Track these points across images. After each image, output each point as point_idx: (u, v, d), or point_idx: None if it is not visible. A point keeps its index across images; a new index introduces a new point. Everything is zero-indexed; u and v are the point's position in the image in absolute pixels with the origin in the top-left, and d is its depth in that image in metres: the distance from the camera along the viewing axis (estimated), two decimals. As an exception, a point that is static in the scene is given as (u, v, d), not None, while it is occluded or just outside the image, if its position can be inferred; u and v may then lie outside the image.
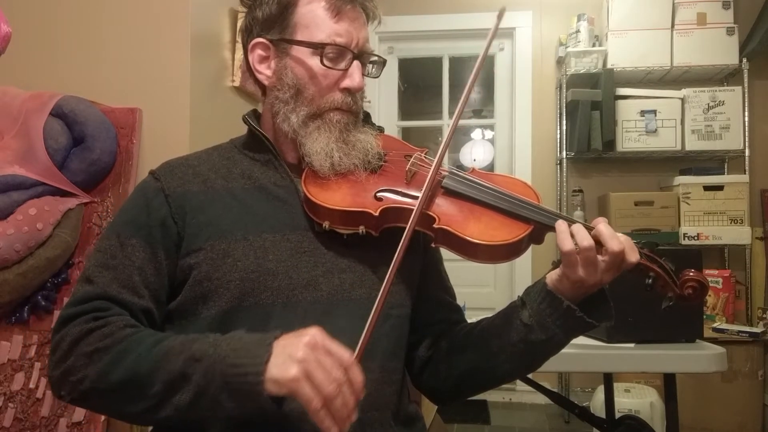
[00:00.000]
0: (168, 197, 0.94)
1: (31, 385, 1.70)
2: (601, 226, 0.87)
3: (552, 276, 0.91)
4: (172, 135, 1.96)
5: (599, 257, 0.85)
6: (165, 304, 0.93)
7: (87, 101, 1.86)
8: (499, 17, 1.03)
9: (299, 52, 0.96)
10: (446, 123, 3.98)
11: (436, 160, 0.94)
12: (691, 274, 0.89)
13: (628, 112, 3.34)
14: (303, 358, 0.73)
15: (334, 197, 0.93)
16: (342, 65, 0.96)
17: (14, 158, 1.73)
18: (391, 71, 3.94)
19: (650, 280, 0.89)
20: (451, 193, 0.96)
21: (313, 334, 0.75)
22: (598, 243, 0.86)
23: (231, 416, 0.77)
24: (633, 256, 0.86)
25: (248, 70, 1.03)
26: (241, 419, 0.78)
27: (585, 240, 0.85)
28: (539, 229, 0.93)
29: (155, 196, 0.95)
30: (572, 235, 0.86)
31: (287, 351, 0.74)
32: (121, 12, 2.03)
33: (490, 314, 1.02)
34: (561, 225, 0.88)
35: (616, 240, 0.85)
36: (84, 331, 0.84)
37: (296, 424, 0.84)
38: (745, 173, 3.30)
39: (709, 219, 3.24)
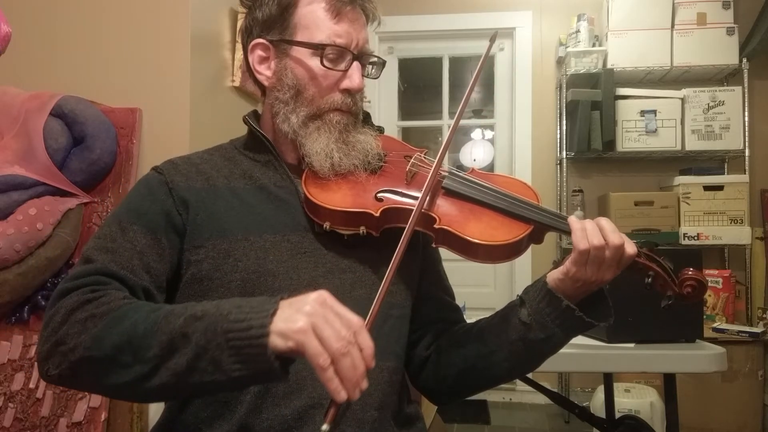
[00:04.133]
0: (172, 190, 0.94)
1: (31, 385, 1.71)
2: (602, 221, 0.88)
3: (553, 275, 0.91)
4: (172, 135, 1.97)
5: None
6: (165, 291, 0.92)
7: (87, 101, 1.86)
8: (492, 41, 1.04)
9: (299, 52, 0.97)
10: (446, 123, 3.98)
11: (436, 160, 0.94)
12: (690, 272, 0.89)
13: (628, 112, 3.34)
14: (311, 312, 0.69)
15: (335, 198, 0.94)
16: (342, 66, 0.96)
17: (14, 158, 1.73)
18: (391, 71, 3.94)
19: (649, 279, 0.90)
20: (451, 194, 0.96)
21: (321, 293, 0.72)
22: None
23: (233, 383, 0.72)
24: (631, 248, 0.88)
25: (248, 70, 1.03)
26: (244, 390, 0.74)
27: (596, 238, 0.86)
28: (539, 229, 0.93)
29: (159, 187, 0.95)
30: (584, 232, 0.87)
31: (294, 306, 0.70)
32: (121, 12, 2.03)
33: (489, 314, 1.02)
34: (576, 223, 0.89)
35: (617, 234, 0.87)
36: (80, 302, 0.80)
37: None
38: (745, 173, 3.30)
39: (709, 219, 3.24)
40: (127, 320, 0.76)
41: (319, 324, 0.68)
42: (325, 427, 0.69)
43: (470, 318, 1.09)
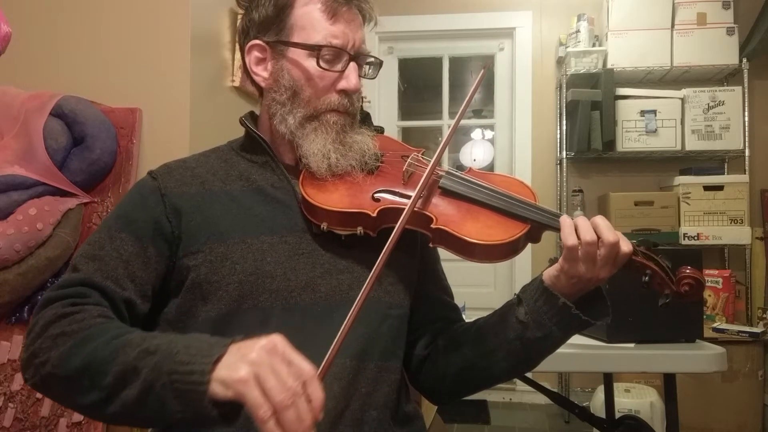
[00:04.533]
0: (164, 197, 0.94)
1: (31, 385, 1.71)
2: (598, 218, 0.88)
3: (549, 273, 0.91)
4: (172, 135, 1.97)
5: (597, 251, 0.87)
6: (151, 299, 0.93)
7: (87, 101, 1.86)
8: (486, 68, 1.04)
9: (296, 53, 0.97)
10: (446, 123, 3.98)
11: (432, 160, 0.94)
12: (688, 271, 0.89)
13: (628, 112, 3.34)
14: (255, 361, 0.67)
15: (332, 198, 0.94)
16: (338, 67, 0.96)
17: (14, 158, 1.74)
18: (391, 71, 3.94)
19: (647, 278, 0.90)
20: (448, 193, 0.96)
21: (273, 338, 0.69)
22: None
23: (180, 422, 0.72)
24: (626, 246, 0.88)
25: (245, 71, 1.03)
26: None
27: (588, 234, 0.86)
28: (536, 228, 0.93)
29: (151, 194, 0.95)
30: (576, 228, 0.87)
31: (241, 352, 0.69)
32: (121, 12, 2.03)
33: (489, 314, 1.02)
34: (566, 219, 0.89)
35: (612, 232, 0.87)
36: (57, 315, 0.82)
37: None
38: (745, 173, 3.30)
39: (709, 219, 3.24)
40: (91, 344, 0.78)
41: (261, 374, 0.66)
42: None
43: (470, 318, 1.09)
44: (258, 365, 0.67)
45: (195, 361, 0.70)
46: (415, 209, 0.93)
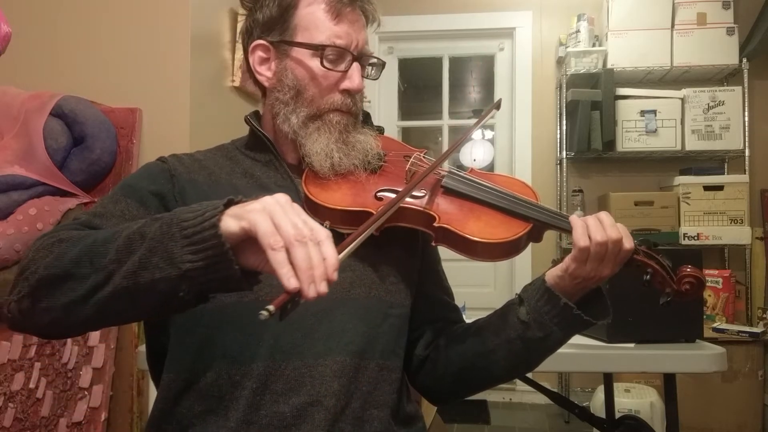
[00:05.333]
0: (173, 177, 0.95)
1: (31, 385, 1.71)
2: (602, 214, 0.89)
3: (552, 273, 0.92)
4: (172, 135, 1.97)
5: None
6: None
7: (87, 101, 1.86)
8: (496, 107, 1.07)
9: (299, 53, 0.97)
10: (446, 123, 3.98)
11: (437, 159, 0.95)
12: (688, 270, 0.90)
13: (628, 112, 3.34)
14: (270, 202, 0.66)
15: (335, 197, 0.94)
16: (341, 67, 0.97)
17: (14, 158, 1.74)
18: (391, 71, 3.94)
19: (648, 276, 0.90)
20: (450, 192, 0.97)
21: (286, 196, 0.68)
22: None
23: (185, 279, 0.67)
24: (628, 243, 0.88)
25: (248, 71, 1.04)
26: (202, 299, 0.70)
27: (599, 233, 0.86)
28: (538, 227, 0.93)
29: (160, 173, 0.95)
30: (587, 230, 0.88)
31: (253, 201, 0.67)
32: (121, 12, 2.03)
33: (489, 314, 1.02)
34: (577, 220, 0.89)
35: (616, 229, 0.87)
36: (53, 236, 0.78)
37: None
38: (745, 173, 3.30)
39: (709, 219, 3.25)
40: (91, 237, 0.75)
41: (277, 211, 0.65)
42: (270, 307, 0.61)
43: (470, 318, 1.09)
44: (272, 206, 0.66)
45: (204, 207, 0.68)
46: (419, 208, 0.93)
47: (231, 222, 0.66)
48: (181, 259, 0.66)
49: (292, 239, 0.63)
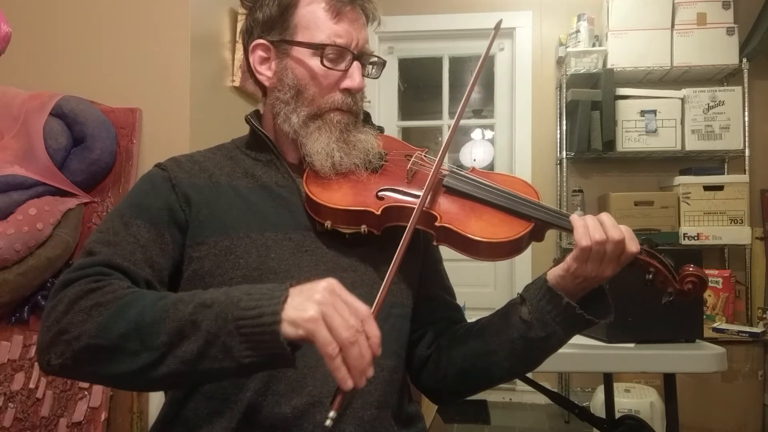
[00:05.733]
0: (175, 186, 0.94)
1: (31, 385, 1.71)
2: (603, 215, 0.89)
3: (553, 272, 0.91)
4: (172, 135, 1.97)
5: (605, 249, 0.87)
6: (167, 287, 0.92)
7: (87, 101, 1.86)
8: (496, 29, 1.06)
9: (299, 53, 0.97)
10: (446, 123, 3.98)
11: (438, 158, 0.94)
12: (691, 269, 0.90)
13: (628, 112, 3.34)
14: (321, 301, 0.69)
15: (336, 197, 0.94)
16: (342, 66, 0.97)
17: (14, 158, 1.73)
18: (391, 71, 3.94)
19: (650, 276, 0.90)
20: (452, 192, 0.97)
21: (331, 281, 0.72)
22: None
23: (242, 369, 0.72)
24: (633, 245, 0.88)
25: (249, 71, 1.03)
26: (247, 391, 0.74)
27: (598, 233, 0.86)
28: (540, 226, 0.93)
29: (162, 183, 0.95)
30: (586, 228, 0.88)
31: (305, 294, 0.70)
32: (121, 12, 2.03)
33: (490, 314, 1.02)
34: (578, 220, 0.89)
35: (618, 229, 0.87)
36: (85, 290, 0.78)
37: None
38: (745, 173, 3.30)
39: (709, 219, 3.25)
40: (134, 308, 0.75)
41: (328, 313, 0.68)
42: (332, 413, 0.69)
43: (471, 318, 1.09)
44: (324, 305, 0.69)
45: (261, 305, 0.70)
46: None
47: (290, 329, 0.69)
48: (241, 355, 0.71)
49: (346, 343, 0.68)
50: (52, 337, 0.77)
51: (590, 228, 0.87)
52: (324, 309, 0.69)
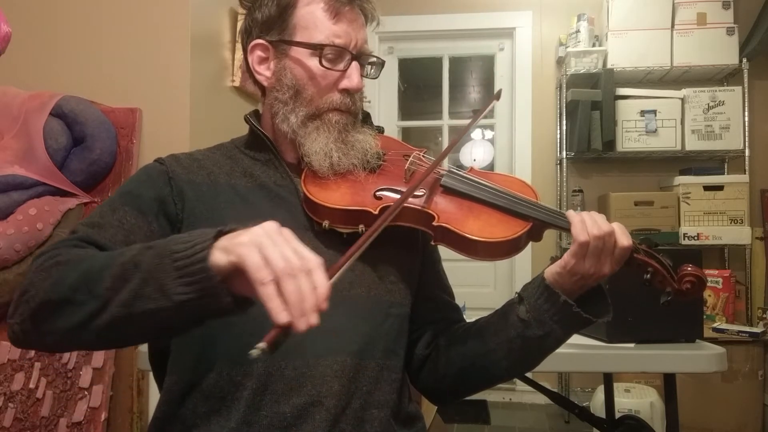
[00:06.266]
0: (171, 180, 0.94)
1: (31, 385, 1.71)
2: (593, 213, 0.91)
3: (551, 270, 0.92)
4: (172, 135, 1.97)
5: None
6: None
7: (87, 101, 1.86)
8: (497, 98, 1.08)
9: (298, 53, 0.97)
10: (446, 123, 3.98)
11: (436, 158, 0.95)
12: (689, 269, 0.90)
13: (628, 112, 3.34)
14: (259, 233, 0.66)
15: (334, 196, 0.94)
16: (340, 66, 0.97)
17: (14, 158, 1.74)
18: (391, 71, 3.94)
19: (648, 275, 0.90)
20: (449, 191, 0.97)
21: (275, 223, 0.68)
22: None
23: (179, 310, 0.68)
24: (625, 239, 0.89)
25: (247, 71, 1.03)
26: (192, 322, 0.71)
27: (595, 228, 0.87)
28: (538, 226, 0.93)
29: (159, 176, 0.95)
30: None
31: (247, 230, 0.68)
32: (121, 12, 2.03)
33: (489, 313, 1.02)
34: (575, 216, 0.90)
35: (608, 224, 0.89)
36: (52, 255, 0.78)
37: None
38: (745, 173, 3.30)
39: (709, 219, 3.24)
40: (87, 261, 0.75)
41: (264, 243, 0.65)
42: (261, 344, 0.61)
43: (470, 318, 1.09)
44: (262, 236, 0.66)
45: (196, 238, 0.69)
46: (418, 207, 0.93)
47: (220, 255, 0.66)
48: (174, 291, 0.67)
49: (282, 272, 0.63)
50: (16, 300, 0.77)
51: (587, 223, 0.88)
52: (261, 240, 0.65)
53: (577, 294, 0.92)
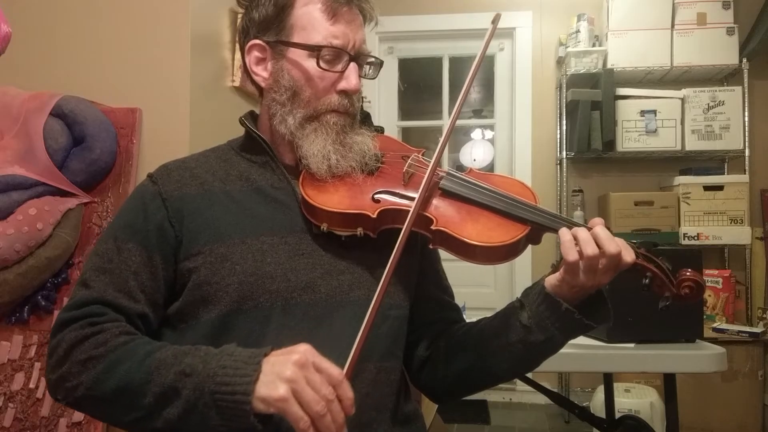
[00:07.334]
0: (165, 201, 0.94)
1: (31, 385, 1.71)
2: (598, 229, 0.86)
3: (551, 280, 0.90)
4: (172, 135, 1.96)
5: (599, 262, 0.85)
6: (162, 307, 0.94)
7: (87, 101, 1.86)
8: (494, 22, 1.03)
9: (296, 54, 0.96)
10: (446, 123, 3.97)
11: (432, 162, 0.94)
12: (688, 273, 0.89)
13: (628, 112, 3.34)
14: (291, 378, 0.73)
15: (332, 199, 0.93)
16: (338, 67, 0.96)
17: (14, 158, 1.74)
18: (391, 71, 3.94)
19: (647, 280, 0.89)
20: (448, 195, 0.96)
21: (303, 351, 0.75)
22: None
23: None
24: (629, 256, 0.86)
25: (245, 71, 1.03)
26: None
27: (589, 247, 0.84)
28: (536, 230, 0.93)
29: (152, 200, 0.95)
30: (576, 242, 0.85)
31: (276, 370, 0.74)
32: (121, 12, 2.03)
33: (489, 314, 1.02)
34: (566, 234, 0.87)
35: (614, 243, 0.84)
36: (79, 338, 0.85)
37: None
38: (745, 173, 3.30)
39: (709, 219, 3.24)
40: (123, 365, 0.82)
41: (299, 389, 0.73)
42: None
43: (470, 318, 1.09)
44: (294, 381, 0.73)
45: (235, 382, 0.75)
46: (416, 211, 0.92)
47: (261, 406, 0.74)
48: (216, 424, 0.77)
49: (317, 416, 0.72)
50: (56, 380, 0.86)
51: (581, 241, 0.84)
52: (294, 386, 0.73)
53: (578, 300, 0.91)
